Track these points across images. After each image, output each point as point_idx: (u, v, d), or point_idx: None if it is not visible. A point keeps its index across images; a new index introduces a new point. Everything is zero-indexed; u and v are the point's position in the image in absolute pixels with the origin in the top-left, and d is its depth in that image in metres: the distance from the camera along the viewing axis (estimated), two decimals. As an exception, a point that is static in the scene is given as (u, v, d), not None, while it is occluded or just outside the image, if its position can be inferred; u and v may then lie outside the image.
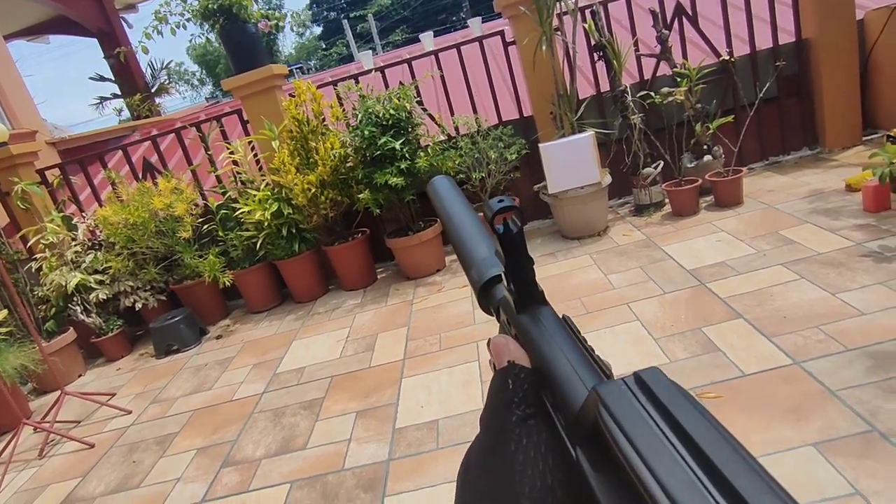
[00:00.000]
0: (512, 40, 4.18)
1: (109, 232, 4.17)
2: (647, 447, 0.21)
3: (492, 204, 0.33)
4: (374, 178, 3.73)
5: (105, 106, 9.64)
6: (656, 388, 0.23)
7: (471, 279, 0.45)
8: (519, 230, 0.34)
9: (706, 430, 0.21)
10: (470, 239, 0.46)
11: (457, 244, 0.48)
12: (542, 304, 0.36)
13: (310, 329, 3.75)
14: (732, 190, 3.68)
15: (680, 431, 0.21)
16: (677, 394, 0.23)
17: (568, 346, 0.32)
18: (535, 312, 0.35)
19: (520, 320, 0.36)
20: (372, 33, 29.26)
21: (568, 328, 0.34)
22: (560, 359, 0.31)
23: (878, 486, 1.49)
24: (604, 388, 0.24)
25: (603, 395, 0.24)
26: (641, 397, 0.23)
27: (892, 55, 3.91)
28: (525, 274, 0.35)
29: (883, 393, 1.80)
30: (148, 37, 4.20)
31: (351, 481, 2.12)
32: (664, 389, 0.23)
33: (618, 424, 0.22)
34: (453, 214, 0.49)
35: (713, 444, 0.20)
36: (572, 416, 0.27)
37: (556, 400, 0.29)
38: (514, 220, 0.34)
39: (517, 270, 0.35)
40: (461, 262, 0.47)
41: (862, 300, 2.31)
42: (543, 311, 0.35)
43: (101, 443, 3.01)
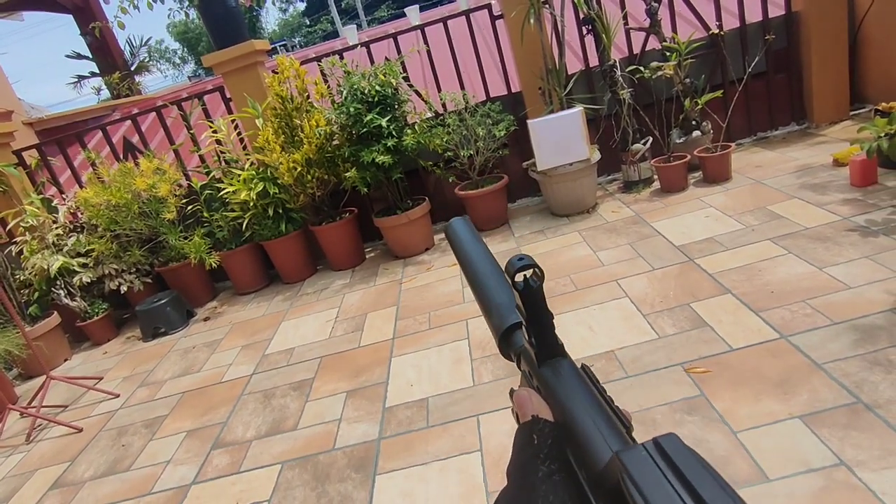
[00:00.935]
0: (500, 14, 4.11)
1: (91, 214, 4.09)
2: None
3: (513, 262, 0.35)
4: (360, 157, 3.68)
5: (83, 85, 9.39)
6: (675, 456, 0.25)
7: (490, 325, 0.47)
8: (539, 286, 0.35)
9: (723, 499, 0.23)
10: (489, 284, 0.48)
11: (475, 289, 0.49)
12: (563, 356, 0.38)
13: (298, 310, 3.73)
14: (721, 166, 3.68)
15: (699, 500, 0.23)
16: (695, 462, 0.25)
17: (590, 401, 0.34)
18: (556, 365, 0.37)
19: (541, 373, 0.37)
20: (357, 9, 28.70)
21: (588, 379, 0.36)
22: (583, 416, 0.32)
23: (862, 457, 1.51)
24: (626, 455, 0.26)
25: (625, 462, 0.25)
26: (661, 464, 0.25)
27: (881, 28, 3.89)
28: (545, 328, 0.37)
29: (868, 365, 1.82)
30: (124, 11, 4.06)
31: (342, 461, 2.13)
32: (683, 457, 0.25)
33: (640, 492, 0.24)
34: (472, 259, 0.51)
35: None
36: (595, 474, 0.29)
37: (580, 456, 0.31)
38: (534, 278, 0.35)
39: (537, 324, 0.37)
40: (480, 307, 0.49)
41: (848, 274, 2.32)
42: (564, 363, 0.37)
43: (90, 427, 2.99)
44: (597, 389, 0.35)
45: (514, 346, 0.44)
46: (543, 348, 0.37)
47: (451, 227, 0.55)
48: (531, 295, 0.35)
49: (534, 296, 0.35)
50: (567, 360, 0.37)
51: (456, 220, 0.55)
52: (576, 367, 0.37)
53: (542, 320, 0.36)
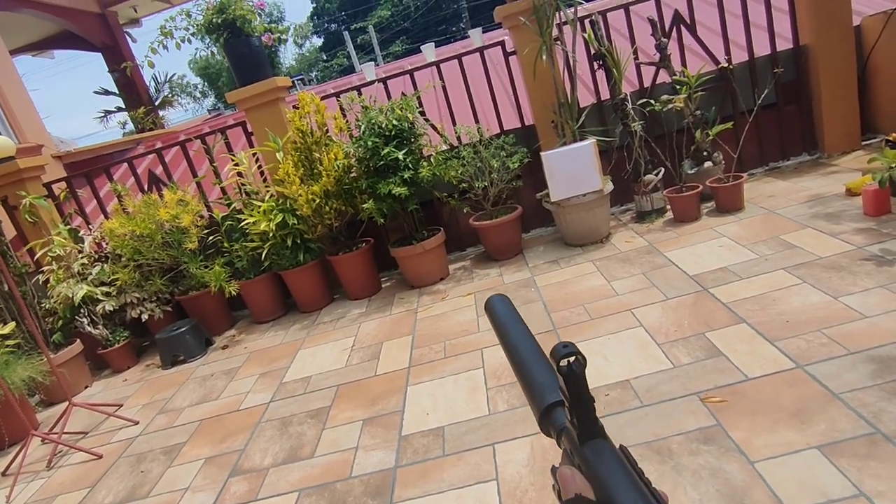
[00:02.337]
0: (512, 50, 4.23)
1: (116, 244, 4.21)
2: None
3: (558, 349, 0.37)
4: (377, 188, 3.77)
5: (109, 119, 9.73)
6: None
7: (531, 402, 0.48)
8: (582, 371, 0.37)
9: None
10: (530, 362, 0.50)
11: (516, 366, 0.51)
12: (603, 437, 0.40)
13: (315, 338, 3.78)
14: (733, 195, 3.71)
15: None
16: None
17: (630, 484, 0.35)
18: (597, 446, 0.39)
19: (583, 453, 0.39)
20: (373, 44, 29.48)
21: (626, 461, 0.38)
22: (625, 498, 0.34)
23: (882, 487, 1.50)
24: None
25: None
26: None
27: (889, 60, 3.94)
28: (587, 410, 0.39)
29: (886, 395, 1.81)
30: (154, 51, 4.26)
31: (359, 489, 2.14)
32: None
33: None
34: (512, 337, 0.53)
35: None
36: None
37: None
38: (577, 363, 0.37)
39: (580, 406, 0.39)
40: (521, 383, 0.50)
41: (864, 304, 2.33)
42: (605, 445, 0.39)
43: (109, 453, 3.03)
44: (635, 471, 0.37)
45: (554, 424, 0.45)
46: (585, 429, 0.39)
47: (491, 304, 0.57)
48: (574, 379, 0.37)
49: (577, 380, 0.37)
50: (608, 442, 0.40)
51: (495, 297, 0.58)
52: (615, 448, 0.39)
53: (584, 403, 0.38)
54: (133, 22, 9.61)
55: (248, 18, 4.01)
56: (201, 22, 4.06)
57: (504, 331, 0.54)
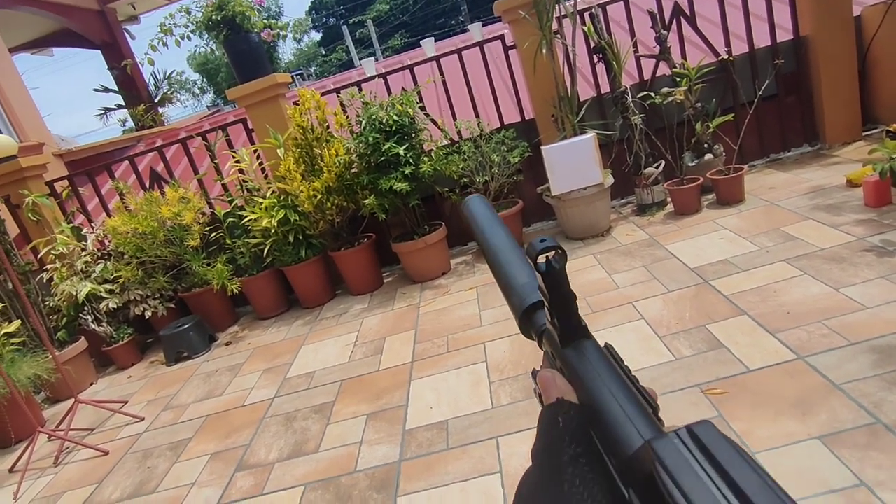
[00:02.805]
0: (512, 44, 4.23)
1: (118, 241, 4.23)
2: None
3: (534, 244, 0.34)
4: (378, 184, 3.78)
5: (109, 116, 9.73)
6: (711, 445, 0.24)
7: (511, 304, 0.45)
8: (562, 267, 0.34)
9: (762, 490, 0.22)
10: (509, 263, 0.47)
11: (495, 268, 0.48)
12: (586, 337, 0.37)
13: (318, 334, 3.79)
14: (734, 188, 3.71)
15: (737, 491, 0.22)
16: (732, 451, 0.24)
17: (615, 383, 0.33)
18: (579, 347, 0.36)
19: (565, 354, 0.37)
20: (371, 39, 29.38)
21: (612, 359, 0.35)
22: (609, 398, 0.32)
23: (882, 477, 1.52)
24: (659, 444, 0.25)
25: (659, 452, 0.25)
26: (697, 454, 0.24)
27: (889, 50, 3.93)
28: (568, 309, 0.36)
29: (887, 385, 1.82)
30: (154, 49, 4.25)
31: (363, 483, 2.16)
32: (719, 446, 0.24)
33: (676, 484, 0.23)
34: (490, 238, 0.49)
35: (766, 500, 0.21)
36: (624, 461, 0.28)
37: (607, 441, 0.30)
38: (557, 259, 0.34)
39: (560, 306, 0.36)
40: (500, 286, 0.47)
41: (865, 295, 2.33)
42: (588, 344, 0.36)
43: (116, 450, 3.05)
44: (622, 370, 0.34)
45: (535, 326, 0.43)
46: (567, 329, 0.36)
47: (468, 205, 0.53)
48: (554, 276, 0.34)
49: (557, 277, 0.34)
50: (591, 341, 0.37)
51: (472, 197, 0.54)
52: (600, 347, 0.37)
53: (565, 301, 0.35)
54: (132, 19, 9.59)
55: (247, 15, 4.01)
56: (200, 19, 4.06)
57: (482, 231, 0.51)
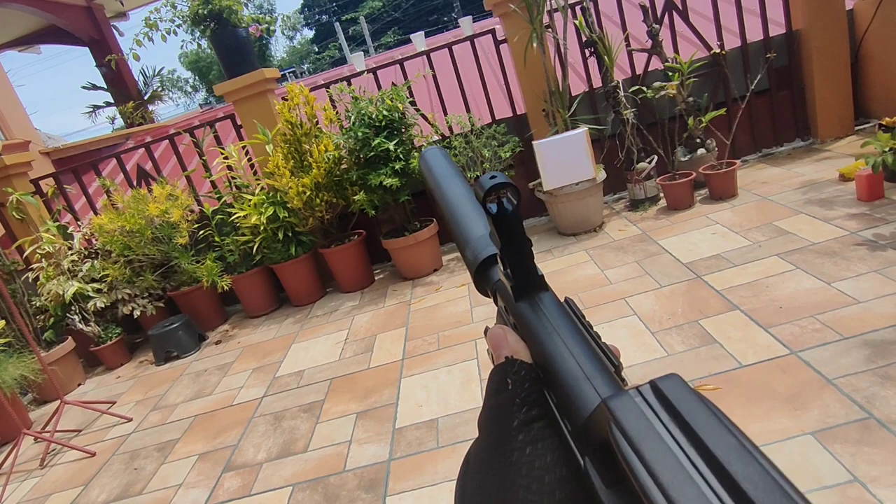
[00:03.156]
0: (503, 38, 4.19)
1: (106, 240, 4.17)
2: (666, 473, 0.19)
3: (483, 181, 0.29)
4: (368, 180, 3.74)
5: (98, 114, 9.63)
6: (676, 400, 0.21)
7: (466, 259, 0.41)
8: (514, 209, 0.30)
9: (737, 453, 0.19)
10: (465, 216, 0.43)
11: (451, 221, 0.44)
12: (543, 289, 0.33)
13: (308, 332, 3.76)
14: (726, 182, 3.69)
15: (708, 456, 0.19)
16: (702, 408, 0.20)
17: (573, 339, 0.29)
18: (534, 300, 0.32)
19: (518, 309, 0.32)
20: (364, 35, 29.27)
21: (571, 314, 0.31)
22: (565, 356, 0.28)
23: (875, 472, 1.50)
24: (615, 401, 0.22)
25: (615, 410, 0.21)
26: (660, 411, 0.21)
27: (882, 44, 3.92)
28: (523, 257, 0.32)
29: (880, 380, 1.81)
30: (139, 44, 4.19)
31: (352, 482, 2.13)
32: (686, 402, 0.20)
33: (634, 448, 0.20)
34: (446, 189, 0.45)
35: (740, 463, 0.18)
36: (580, 424, 0.25)
37: (562, 403, 0.27)
38: (509, 198, 0.30)
39: (513, 253, 0.32)
40: (455, 240, 0.43)
41: (857, 289, 2.32)
42: (544, 297, 0.32)
43: (103, 451, 3.01)
44: (582, 325, 0.30)
45: (491, 281, 0.38)
46: (521, 280, 0.32)
47: (424, 157, 0.49)
48: (506, 219, 0.30)
49: (509, 220, 0.30)
50: (548, 293, 0.32)
51: (429, 148, 0.50)
52: (558, 300, 0.32)
53: (519, 248, 0.31)
54: (120, 15, 9.48)
55: (234, 9, 3.96)
56: (187, 13, 4.00)
57: (437, 183, 0.46)
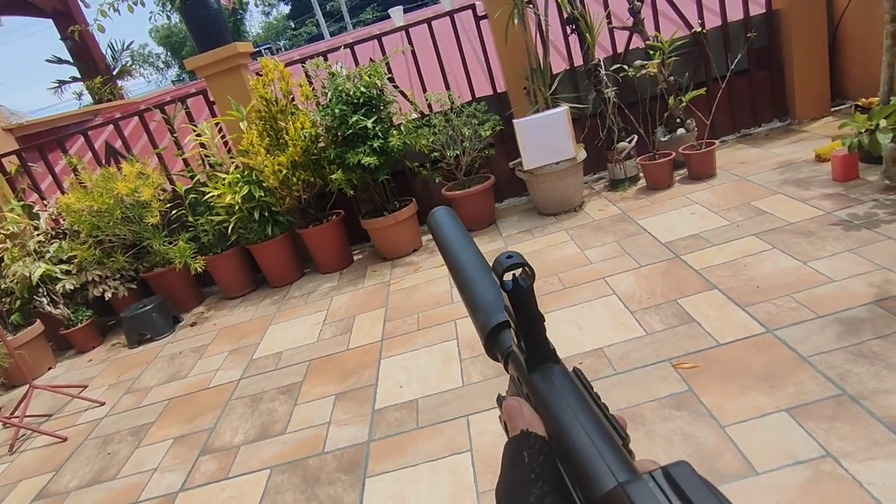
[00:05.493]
0: (484, 14, 4.11)
1: (73, 220, 4.03)
2: None
3: (501, 260, 0.32)
4: (346, 158, 3.66)
5: (64, 90, 9.29)
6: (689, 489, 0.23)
7: (476, 323, 0.43)
8: (529, 286, 0.32)
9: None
10: (475, 280, 0.45)
11: (460, 284, 0.46)
12: (554, 362, 0.35)
13: (286, 313, 3.70)
14: (705, 162, 3.71)
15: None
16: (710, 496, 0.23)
17: (584, 414, 0.31)
18: (547, 372, 0.34)
19: (532, 380, 0.35)
20: (342, 11, 28.65)
21: (581, 387, 0.34)
22: (578, 431, 0.30)
23: (848, 448, 1.52)
24: (633, 488, 0.24)
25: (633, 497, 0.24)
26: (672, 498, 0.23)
27: (859, 26, 3.94)
28: (536, 331, 0.34)
29: (853, 357, 1.84)
30: (104, 14, 4.01)
31: (332, 464, 2.11)
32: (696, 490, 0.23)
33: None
34: (456, 252, 0.48)
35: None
36: (594, 500, 0.27)
37: (575, 477, 0.29)
38: (524, 277, 0.32)
39: (527, 327, 0.34)
40: (465, 304, 0.45)
41: (832, 268, 2.35)
42: (555, 370, 0.34)
43: (74, 436, 2.94)
44: (591, 397, 0.33)
45: (502, 347, 0.41)
46: (534, 353, 0.35)
47: (434, 218, 0.52)
48: (521, 295, 0.33)
49: (523, 296, 0.33)
50: (559, 366, 0.35)
51: (439, 209, 0.52)
52: (568, 373, 0.35)
53: (532, 323, 0.34)
54: (85, -14, 9.08)
55: (205, -21, 3.80)
56: (155, -17, 3.83)
57: (447, 246, 0.49)
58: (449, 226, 0.51)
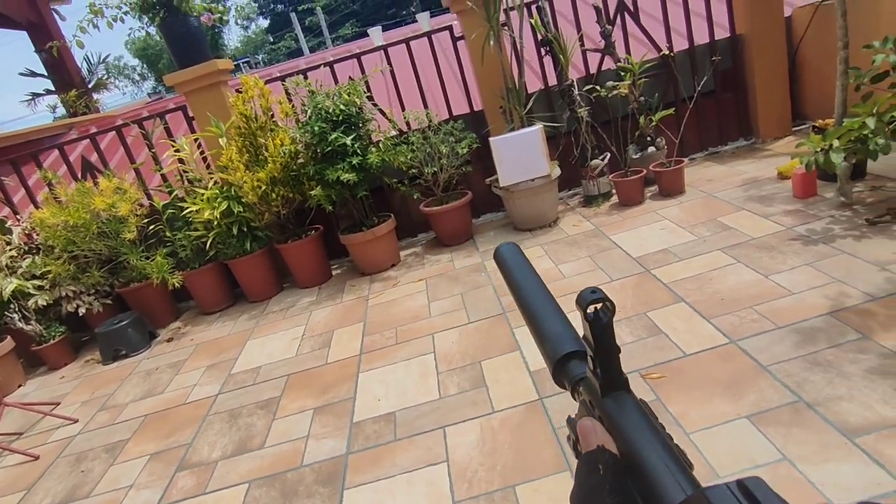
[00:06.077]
0: (461, 35, 4.22)
1: (47, 235, 3.99)
2: None
3: (585, 295, 0.35)
4: (325, 175, 3.71)
5: (38, 103, 9.16)
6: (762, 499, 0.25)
7: (545, 353, 0.46)
8: (609, 320, 0.36)
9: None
10: (543, 312, 0.48)
11: (529, 317, 0.49)
12: (626, 390, 0.38)
13: (264, 328, 3.71)
14: (675, 179, 3.84)
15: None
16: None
17: (654, 437, 0.34)
18: (619, 399, 0.38)
19: (605, 405, 0.38)
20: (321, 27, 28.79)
21: (650, 415, 0.37)
22: (650, 452, 0.33)
23: (804, 452, 1.61)
24: (713, 493, 0.26)
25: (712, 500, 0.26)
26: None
27: (816, 51, 4.14)
28: (612, 360, 0.37)
29: (809, 366, 1.94)
30: (83, 30, 4.01)
31: (310, 477, 2.13)
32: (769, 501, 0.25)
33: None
34: (525, 286, 0.51)
35: None
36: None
37: (648, 493, 0.31)
38: (605, 311, 0.36)
39: (605, 356, 0.37)
40: (533, 333, 0.48)
41: (791, 281, 2.47)
42: (627, 397, 0.38)
43: (46, 454, 2.90)
44: (658, 425, 0.36)
45: (570, 375, 0.44)
46: (608, 380, 0.38)
47: (501, 254, 0.55)
48: (601, 327, 0.36)
49: (604, 328, 0.36)
50: (630, 394, 0.38)
51: (505, 245, 0.56)
52: (638, 401, 0.38)
53: (609, 353, 0.37)
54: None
55: (185, -3, 3.83)
56: (135, 0, 3.86)
57: (515, 280, 0.52)
58: (516, 261, 0.54)
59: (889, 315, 2.07)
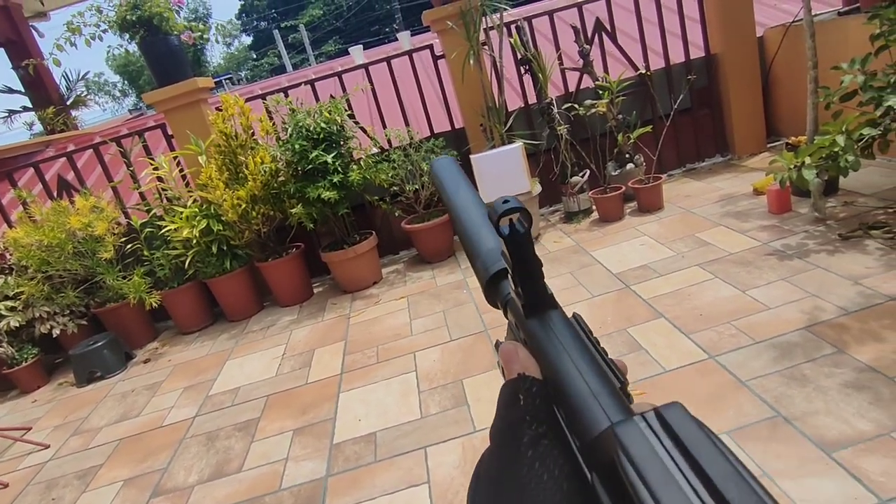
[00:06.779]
0: (441, 54, 4.26)
1: (21, 255, 3.90)
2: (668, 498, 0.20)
3: (497, 205, 0.31)
4: (306, 193, 3.69)
5: (14, 120, 9.02)
6: (680, 430, 0.22)
7: (476, 271, 0.43)
8: (526, 231, 0.32)
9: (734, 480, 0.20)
10: (475, 228, 0.44)
11: (461, 233, 0.45)
12: (552, 307, 0.34)
13: (244, 348, 3.65)
14: (653, 196, 3.89)
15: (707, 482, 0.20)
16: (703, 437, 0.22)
17: (581, 357, 0.30)
18: (544, 317, 0.34)
19: (529, 326, 0.34)
20: (304, 44, 28.90)
21: (580, 330, 0.33)
22: (573, 374, 0.29)
23: (782, 466, 1.62)
24: (623, 428, 0.23)
25: (622, 438, 0.23)
26: (663, 438, 0.22)
27: (788, 70, 4.26)
28: (533, 277, 0.33)
29: (786, 380, 1.95)
30: (60, 49, 3.98)
31: (288, 501, 2.09)
32: (688, 431, 0.22)
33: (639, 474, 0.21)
34: (457, 201, 0.47)
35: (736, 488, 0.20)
36: (588, 443, 0.26)
37: (570, 420, 0.28)
38: (521, 222, 0.32)
39: (524, 273, 0.33)
40: (466, 251, 0.45)
41: (767, 296, 2.50)
42: (553, 315, 0.34)
43: (16, 481, 2.80)
44: (590, 341, 0.32)
45: (501, 295, 0.40)
46: (531, 298, 0.34)
47: (435, 167, 0.51)
48: (517, 241, 0.31)
49: (520, 242, 0.32)
50: (557, 311, 0.34)
51: (441, 158, 0.53)
52: (567, 318, 0.34)
53: (529, 268, 0.33)
54: (40, 15, 8.94)
55: (165, 16, 3.83)
56: (114, 18, 3.83)
57: (448, 194, 0.49)
58: (450, 174, 0.50)
59: (862, 329, 2.11)
